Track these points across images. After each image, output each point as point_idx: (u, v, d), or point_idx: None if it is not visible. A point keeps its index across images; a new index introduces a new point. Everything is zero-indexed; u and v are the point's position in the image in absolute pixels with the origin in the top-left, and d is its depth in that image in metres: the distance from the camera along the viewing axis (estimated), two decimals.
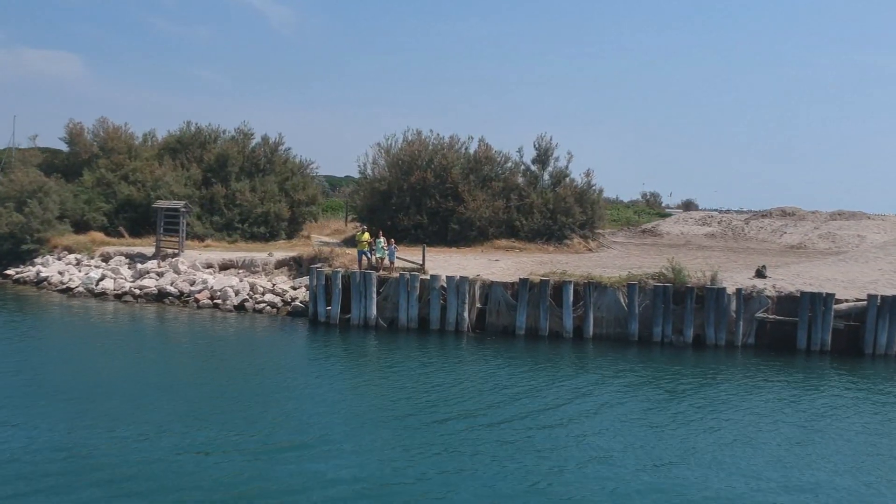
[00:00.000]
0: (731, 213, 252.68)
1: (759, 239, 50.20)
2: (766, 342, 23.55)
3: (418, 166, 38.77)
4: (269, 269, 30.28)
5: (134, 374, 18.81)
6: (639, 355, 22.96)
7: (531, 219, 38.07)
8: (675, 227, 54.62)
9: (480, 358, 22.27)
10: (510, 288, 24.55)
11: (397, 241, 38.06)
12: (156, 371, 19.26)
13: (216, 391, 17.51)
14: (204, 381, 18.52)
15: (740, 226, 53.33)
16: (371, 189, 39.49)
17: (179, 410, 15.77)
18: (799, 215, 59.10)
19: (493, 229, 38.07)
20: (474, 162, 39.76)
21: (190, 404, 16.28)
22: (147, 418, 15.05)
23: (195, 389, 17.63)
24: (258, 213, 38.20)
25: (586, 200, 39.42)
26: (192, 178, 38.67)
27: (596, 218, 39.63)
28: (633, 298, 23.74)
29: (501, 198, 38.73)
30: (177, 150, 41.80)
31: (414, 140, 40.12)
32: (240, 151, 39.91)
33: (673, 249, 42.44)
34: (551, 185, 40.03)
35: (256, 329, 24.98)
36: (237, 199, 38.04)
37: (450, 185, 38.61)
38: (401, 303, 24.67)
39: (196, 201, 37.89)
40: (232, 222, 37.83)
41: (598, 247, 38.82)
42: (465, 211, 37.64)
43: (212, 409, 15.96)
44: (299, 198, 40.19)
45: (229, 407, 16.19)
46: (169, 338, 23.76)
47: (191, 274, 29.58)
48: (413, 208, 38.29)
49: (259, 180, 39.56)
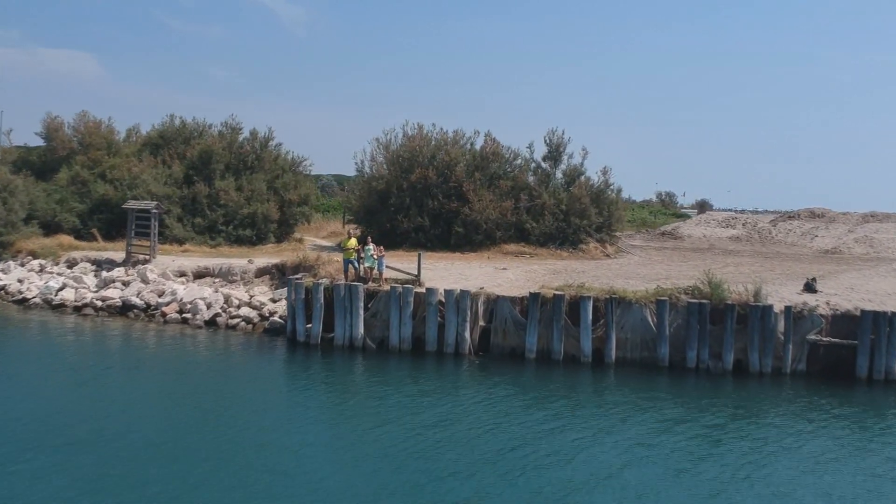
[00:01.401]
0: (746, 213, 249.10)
1: (788, 243, 46.61)
2: (819, 369, 20.06)
3: (419, 163, 35.41)
4: (249, 278, 27.01)
5: (73, 409, 15.62)
6: (670, 384, 19.56)
7: (543, 221, 34.65)
8: (696, 230, 51.06)
9: (483, 387, 18.94)
10: (518, 303, 21.15)
11: (397, 245, 34.89)
12: (101, 405, 16.07)
13: (165, 435, 14.30)
14: (153, 419, 15.31)
15: (767, 228, 49.69)
16: (368, 188, 36.15)
17: (125, 456, 12.70)
18: (829, 217, 55.39)
19: (501, 233, 34.68)
20: (480, 159, 36.37)
21: (134, 450, 13.15)
22: (83, 466, 11.85)
23: (140, 431, 14.42)
24: (244, 214, 34.94)
25: (603, 201, 35.96)
26: (172, 177, 35.42)
27: (614, 220, 36.15)
28: (662, 317, 20.29)
29: (510, 198, 35.31)
30: (159, 145, 38.62)
31: (415, 135, 36.75)
32: (225, 147, 36.63)
33: (697, 255, 38.95)
34: (564, 185, 36.58)
35: (226, 351, 21.67)
36: (221, 199, 34.78)
37: (453, 185, 35.23)
38: (392, 320, 21.31)
39: (176, 202, 34.69)
40: (215, 224, 34.59)
41: (617, 252, 35.34)
42: (471, 212, 34.26)
43: (159, 457, 12.79)
44: (290, 198, 36.91)
45: (183, 453, 13.08)
46: (123, 362, 20.49)
47: (160, 283, 26.34)
48: (414, 209, 34.94)
49: (246, 178, 36.30)
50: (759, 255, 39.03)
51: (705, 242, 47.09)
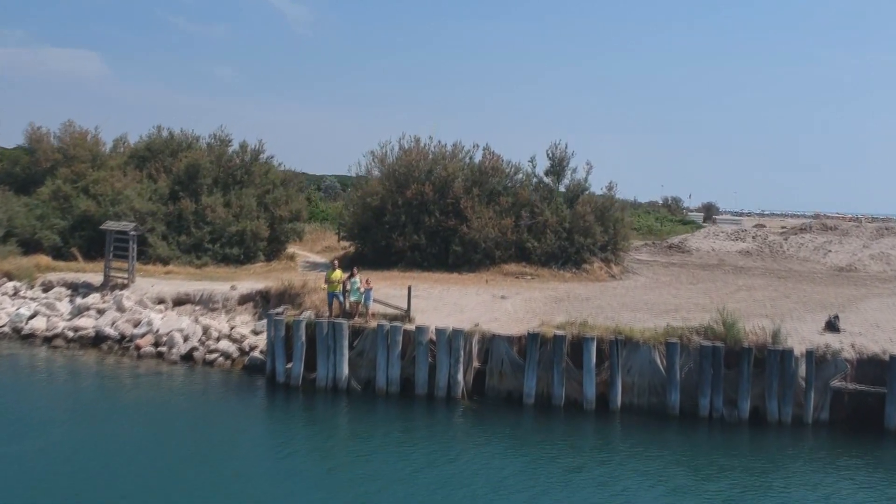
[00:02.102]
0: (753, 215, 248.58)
1: (800, 258, 44.85)
2: (843, 418, 18.38)
3: (415, 178, 33.77)
4: (231, 306, 25.42)
5: (26, 463, 14.12)
6: (681, 434, 17.97)
7: (544, 240, 32.98)
8: (704, 243, 49.33)
9: (477, 436, 17.45)
10: (516, 343, 19.51)
11: (392, 265, 33.27)
12: (56, 459, 14.56)
13: (131, 491, 12.85)
14: (118, 474, 13.89)
15: (778, 242, 47.97)
16: (362, 204, 34.52)
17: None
18: (842, 230, 53.69)
19: (501, 252, 33.02)
20: (479, 173, 34.70)
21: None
22: None
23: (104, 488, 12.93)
24: (232, 232, 33.35)
25: (608, 218, 34.26)
26: (157, 192, 33.85)
27: (619, 238, 34.46)
28: (673, 360, 18.63)
29: (510, 215, 33.66)
30: (146, 158, 37.06)
31: (411, 148, 35.12)
32: (213, 161, 35.03)
33: (707, 273, 37.26)
34: (567, 201, 34.89)
35: (200, 393, 20.09)
36: (208, 216, 33.21)
37: (451, 201, 33.59)
38: (379, 360, 19.69)
39: (161, 219, 33.13)
40: (201, 242, 33.00)
41: (622, 272, 33.67)
42: (469, 231, 32.62)
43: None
44: (281, 214, 35.32)
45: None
46: (87, 405, 18.94)
47: (136, 312, 24.77)
48: (409, 227, 33.30)
49: (235, 194, 34.71)
50: (772, 274, 37.32)
51: (714, 257, 45.35)
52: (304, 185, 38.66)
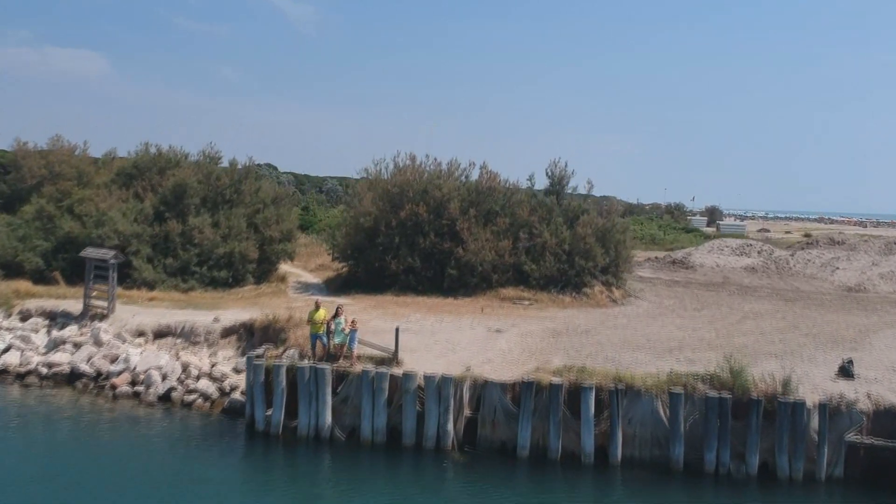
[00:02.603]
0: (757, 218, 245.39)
1: (807, 275, 43.63)
2: (858, 474, 17.20)
3: (409, 199, 32.63)
4: (214, 339, 24.30)
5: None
6: (685, 490, 16.81)
7: (543, 262, 31.83)
8: (709, 258, 48.10)
9: (468, 491, 16.34)
10: (510, 390, 18.36)
11: (386, 288, 32.11)
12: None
13: None
14: None
15: (784, 258, 46.73)
16: (355, 225, 33.39)
17: None
18: (849, 244, 52.41)
19: (498, 275, 31.90)
20: (476, 194, 33.53)
21: None
22: None
23: None
24: (220, 254, 32.21)
25: (610, 240, 33.08)
26: (143, 213, 32.72)
27: (621, 260, 33.27)
28: (677, 410, 17.47)
29: (508, 236, 32.52)
30: (133, 175, 35.95)
31: (405, 167, 33.99)
32: (201, 181, 33.89)
33: (711, 294, 36.09)
34: (567, 221, 33.70)
35: (175, 440, 18.94)
36: (195, 238, 32.08)
37: (447, 222, 32.45)
38: (364, 408, 18.53)
39: (146, 241, 32.00)
40: (188, 265, 31.87)
41: (624, 297, 32.47)
42: (465, 253, 31.48)
43: None
44: (271, 234, 34.18)
45: None
46: (56, 455, 17.80)
47: (114, 346, 23.65)
48: (404, 249, 32.17)
49: (223, 214, 33.57)
50: (779, 296, 36.13)
51: (719, 274, 44.16)
52: (297, 200, 37.42)
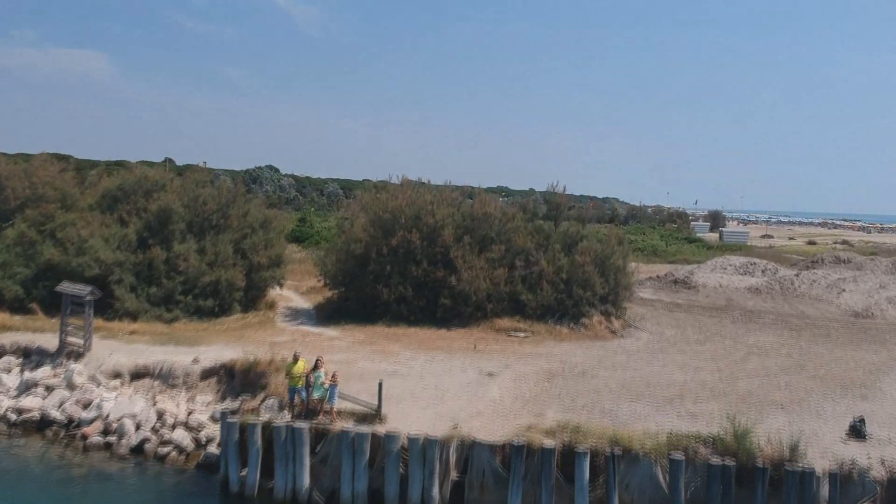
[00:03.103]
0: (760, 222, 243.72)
1: (812, 297, 42.43)
2: None
3: (402, 225, 31.53)
4: (193, 382, 23.23)
5: None
6: None
7: (540, 292, 30.76)
8: (712, 277, 46.90)
9: None
10: (500, 451, 17.25)
11: (377, 318, 30.97)
12: None
13: None
14: None
15: (789, 278, 45.48)
16: (347, 252, 32.30)
17: None
18: (855, 263, 51.26)
19: (493, 305, 30.83)
20: (470, 220, 32.42)
21: None
22: None
23: None
24: (206, 282, 31.16)
25: (609, 267, 31.98)
26: (126, 239, 31.63)
27: (621, 288, 32.15)
28: (677, 477, 16.35)
29: (503, 264, 31.43)
30: (118, 198, 34.86)
31: (397, 191, 32.89)
32: (186, 206, 32.79)
33: (715, 321, 34.96)
34: (565, 248, 32.59)
35: (149, 501, 17.86)
36: (179, 266, 31.01)
37: (440, 250, 31.36)
38: (344, 469, 17.43)
39: (129, 269, 30.95)
40: (173, 294, 30.83)
41: (624, 327, 31.36)
42: (459, 282, 30.39)
43: None
44: (259, 260, 33.09)
45: None
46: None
47: (88, 391, 22.58)
48: (395, 277, 31.09)
49: (210, 240, 32.49)
50: (783, 323, 35.00)
51: (722, 295, 43.01)
52: (285, 224, 36.41)
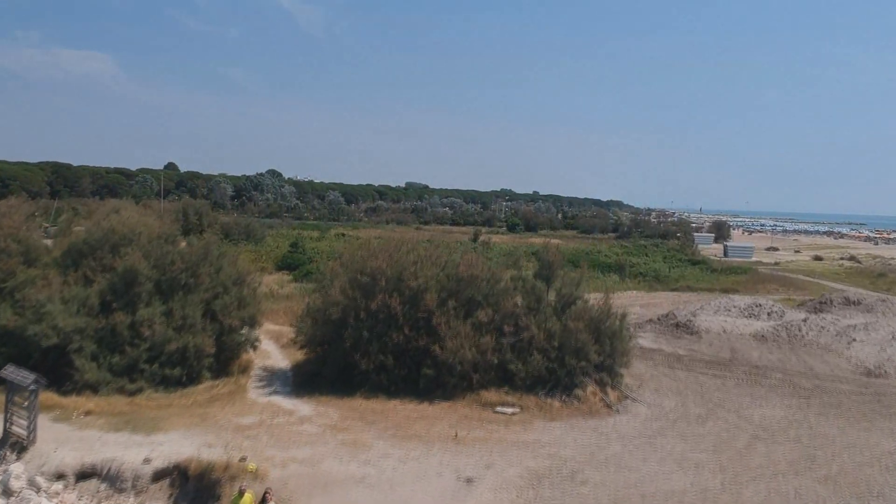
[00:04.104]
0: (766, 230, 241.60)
1: (821, 346, 40.28)
2: None
3: (382, 288, 29.43)
4: (143, 486, 21.15)
5: None
6: None
7: (530, 360, 28.68)
8: (715, 321, 44.80)
9: None
10: None
11: (354, 389, 28.95)
12: None
13: None
14: None
15: (796, 324, 43.26)
16: (324, 316, 30.20)
17: None
18: (865, 305, 49.07)
19: (480, 376, 28.75)
20: (455, 282, 30.30)
21: None
22: None
23: None
24: (172, 349, 29.12)
25: (604, 331, 29.86)
26: (87, 304, 29.57)
27: (618, 354, 30.02)
28: None
29: (490, 330, 29.34)
30: (84, 253, 32.79)
31: (378, 249, 30.79)
32: (154, 266, 30.69)
33: (718, 382, 32.91)
34: (557, 311, 30.48)
35: None
36: (144, 333, 28.97)
37: (423, 315, 29.27)
38: None
39: (90, 336, 28.92)
40: (137, 363, 28.81)
41: (620, 399, 29.26)
42: (442, 352, 28.32)
43: None
44: (231, 323, 31.02)
45: None
46: None
47: (26, 499, 20.49)
48: (374, 344, 29.02)
49: (178, 301, 30.42)
50: (792, 386, 32.96)
51: (726, 344, 40.98)
52: (257, 284, 34.37)
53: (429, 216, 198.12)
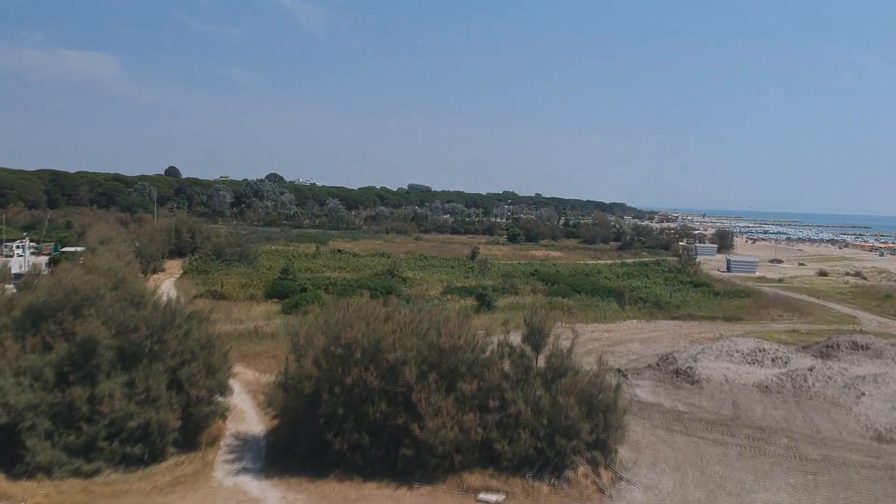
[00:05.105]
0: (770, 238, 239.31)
1: (828, 399, 38.24)
2: None
3: (357, 361, 27.44)
4: None
5: None
6: None
7: (517, 441, 26.66)
8: (717, 368, 42.74)
9: None
10: None
11: (327, 471, 26.87)
12: None
13: None
14: None
15: (802, 374, 41.15)
16: (296, 391, 28.22)
17: None
18: (874, 350, 46.91)
19: (462, 457, 26.73)
20: (437, 352, 28.26)
21: None
22: None
23: None
24: (133, 425, 27.15)
25: (597, 405, 27.82)
26: (42, 376, 27.61)
27: (611, 429, 27.99)
28: None
29: (474, 406, 27.33)
30: (43, 316, 30.80)
31: (353, 317, 28.76)
32: (115, 333, 28.67)
33: (718, 449, 30.84)
34: (546, 383, 28.46)
35: None
36: (104, 408, 27.01)
37: (401, 390, 27.28)
38: None
39: (44, 412, 26.97)
40: (95, 441, 26.84)
41: (613, 480, 27.24)
42: (422, 431, 26.32)
43: None
44: (198, 394, 29.04)
45: None
46: None
47: None
48: (350, 422, 27.02)
49: (142, 370, 28.44)
50: (798, 458, 30.90)
51: (728, 398, 38.94)
52: (227, 347, 32.40)
53: (429, 224, 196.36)
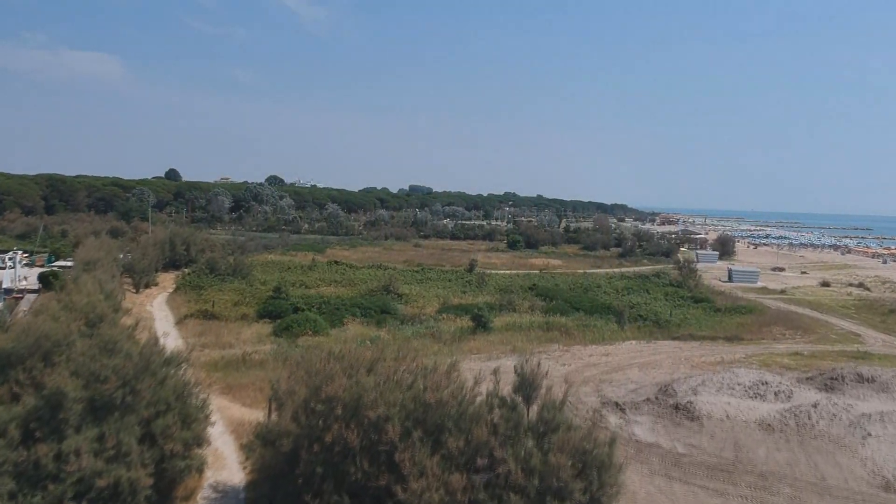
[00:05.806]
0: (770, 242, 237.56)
1: (832, 439, 36.84)
2: None
3: (337, 417, 26.07)
4: None
5: None
6: None
7: (506, 503, 25.23)
8: (717, 403, 41.36)
9: None
10: None
11: None
12: None
13: None
14: None
15: (805, 411, 39.77)
16: (273, 447, 26.86)
17: None
18: (880, 382, 45.48)
19: None
20: (422, 407, 26.87)
21: None
22: None
23: None
24: (102, 485, 25.78)
25: (591, 463, 26.39)
26: (6, 433, 26.24)
27: (606, 488, 26.54)
28: None
29: (461, 465, 25.92)
30: (11, 363, 29.45)
31: (335, 370, 27.39)
32: (84, 385, 27.32)
33: (719, 499, 29.45)
34: (537, 437, 27.04)
35: None
36: (71, 466, 25.65)
37: (384, 449, 25.89)
38: None
39: (8, 472, 25.60)
40: (61, 501, 25.45)
41: None
42: (406, 493, 24.92)
43: None
44: (172, 448, 27.67)
45: None
46: None
47: None
48: (329, 482, 25.65)
49: (113, 424, 27.09)
50: (795, 496, 29.49)
51: (730, 438, 37.53)
52: (207, 392, 31.04)
53: (429, 230, 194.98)
